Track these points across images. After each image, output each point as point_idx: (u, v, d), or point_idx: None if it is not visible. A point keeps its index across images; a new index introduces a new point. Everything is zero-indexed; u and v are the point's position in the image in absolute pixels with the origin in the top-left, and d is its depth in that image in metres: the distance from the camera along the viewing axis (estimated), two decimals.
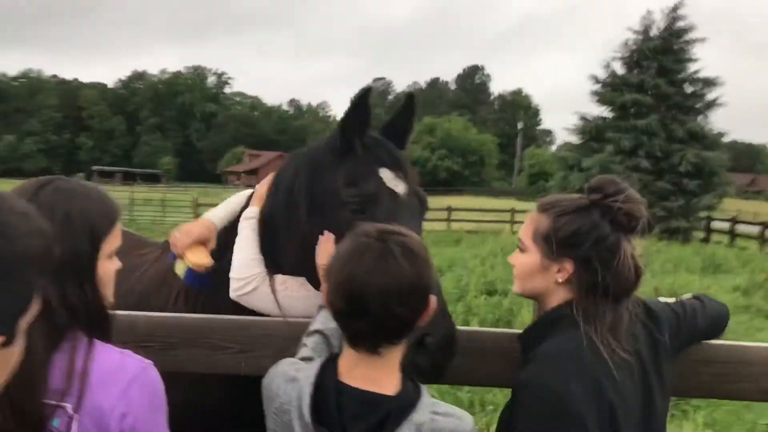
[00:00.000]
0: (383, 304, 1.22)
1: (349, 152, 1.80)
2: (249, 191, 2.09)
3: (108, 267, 1.27)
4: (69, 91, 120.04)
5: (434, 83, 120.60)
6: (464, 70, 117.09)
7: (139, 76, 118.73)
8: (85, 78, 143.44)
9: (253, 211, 1.95)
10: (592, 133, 25.72)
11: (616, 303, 1.43)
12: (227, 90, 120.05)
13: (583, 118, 26.37)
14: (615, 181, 1.48)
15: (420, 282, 1.26)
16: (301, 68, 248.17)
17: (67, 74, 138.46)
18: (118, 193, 25.38)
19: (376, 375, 1.26)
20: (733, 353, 1.73)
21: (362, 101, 1.79)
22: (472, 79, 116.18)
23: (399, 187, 1.78)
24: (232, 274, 1.83)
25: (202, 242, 1.93)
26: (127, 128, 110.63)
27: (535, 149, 68.55)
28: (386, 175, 1.77)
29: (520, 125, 74.80)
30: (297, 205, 1.82)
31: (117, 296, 1.37)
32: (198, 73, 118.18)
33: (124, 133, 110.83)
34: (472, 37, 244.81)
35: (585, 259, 1.43)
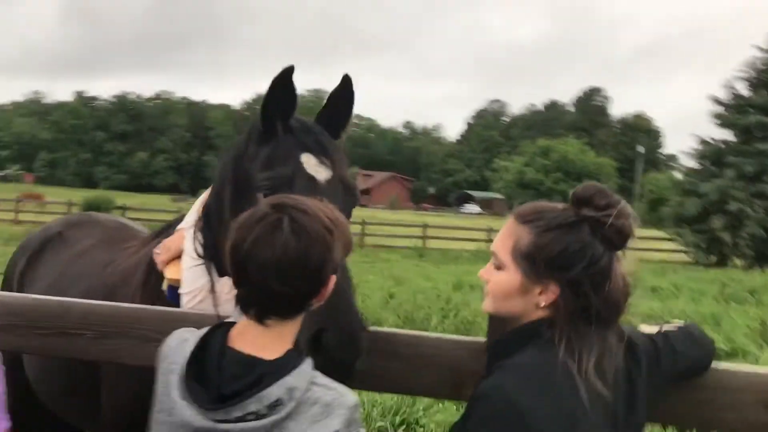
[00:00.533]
0: (262, 278, 1.25)
1: (273, 136, 1.80)
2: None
3: None
4: (197, 111, 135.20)
5: (552, 105, 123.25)
6: (583, 92, 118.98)
7: (261, 98, 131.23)
8: (213, 99, 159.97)
9: (190, 219, 2.02)
10: (712, 157, 25.66)
11: (604, 330, 1.34)
12: None
13: (704, 142, 26.34)
14: (604, 191, 1.38)
15: (306, 260, 1.26)
16: (418, 91, 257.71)
17: (196, 96, 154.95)
18: None
19: (264, 342, 1.31)
20: (717, 377, 1.56)
21: (282, 81, 1.75)
22: (591, 101, 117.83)
23: (320, 173, 1.74)
24: (180, 290, 1.89)
25: (180, 255, 1.96)
26: None
27: (656, 174, 69.55)
28: (308, 159, 1.75)
29: (640, 149, 75.99)
30: (223, 195, 1.86)
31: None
32: (317, 96, 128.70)
33: None
34: (591, 60, 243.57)
35: (574, 283, 1.32)
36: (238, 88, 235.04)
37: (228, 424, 1.20)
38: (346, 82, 1.90)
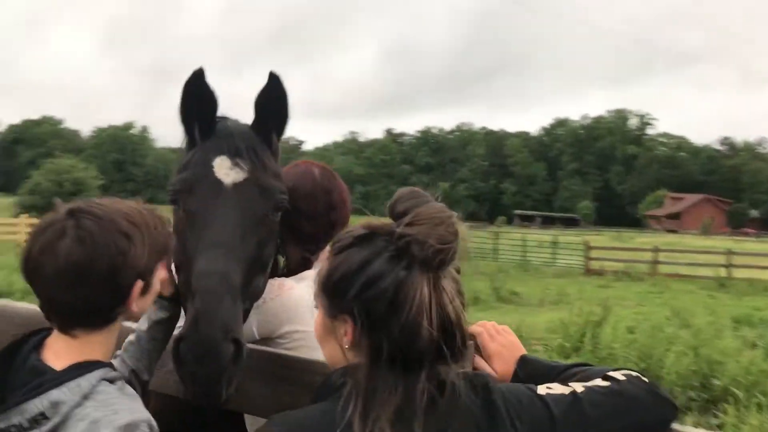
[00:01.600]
0: (48, 288, 1.30)
1: (195, 143, 1.88)
2: None
3: None
4: (495, 140, 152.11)
5: None
6: None
7: (560, 123, 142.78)
8: (511, 128, 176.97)
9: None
10: None
11: (408, 374, 1.15)
12: (650, 131, 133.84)
13: None
14: (407, 195, 1.30)
15: (90, 268, 1.28)
16: (739, 103, 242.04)
17: (495, 125, 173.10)
18: (515, 235, 35.20)
19: (68, 353, 1.34)
20: None
21: (192, 85, 1.81)
22: None
23: (229, 176, 1.78)
24: None
25: None
26: (548, 174, 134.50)
27: None
28: (221, 163, 1.80)
29: None
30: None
31: None
32: (620, 116, 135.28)
33: (545, 179, 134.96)
34: None
35: (361, 311, 1.17)
36: (535, 114, 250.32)
37: None
38: (273, 81, 1.87)
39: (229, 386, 1.59)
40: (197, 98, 1.87)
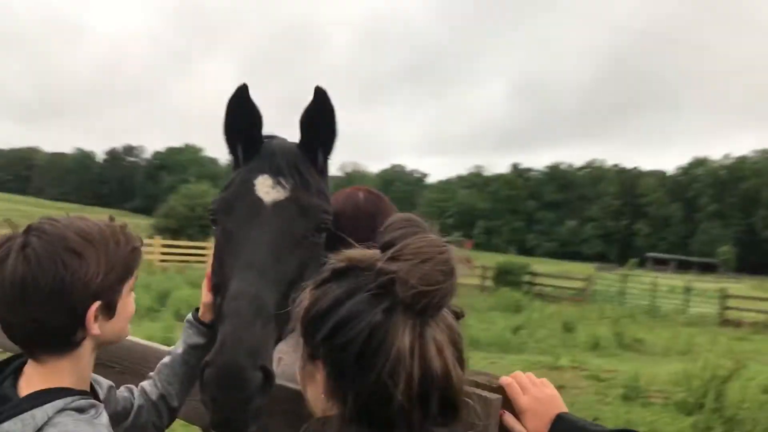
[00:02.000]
0: (4, 306, 1.26)
1: (240, 163, 1.88)
2: None
3: None
4: (628, 179, 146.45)
5: None
6: None
7: (699, 162, 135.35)
8: (645, 166, 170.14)
9: None
10: None
11: (389, 430, 1.02)
12: None
13: None
14: (402, 221, 1.10)
15: (34, 287, 1.23)
16: None
17: (628, 163, 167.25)
18: (645, 279, 32.87)
19: (36, 378, 1.31)
20: None
21: (233, 103, 1.80)
22: None
23: (270, 195, 1.76)
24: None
25: None
26: (684, 215, 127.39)
27: None
28: (262, 182, 1.78)
29: None
30: None
31: None
32: (766, 157, 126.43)
33: (681, 220, 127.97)
34: None
35: (326, 359, 1.05)
36: (672, 153, 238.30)
37: None
38: (320, 96, 1.80)
39: (256, 418, 1.51)
40: (241, 116, 1.85)
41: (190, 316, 1.81)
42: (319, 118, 1.87)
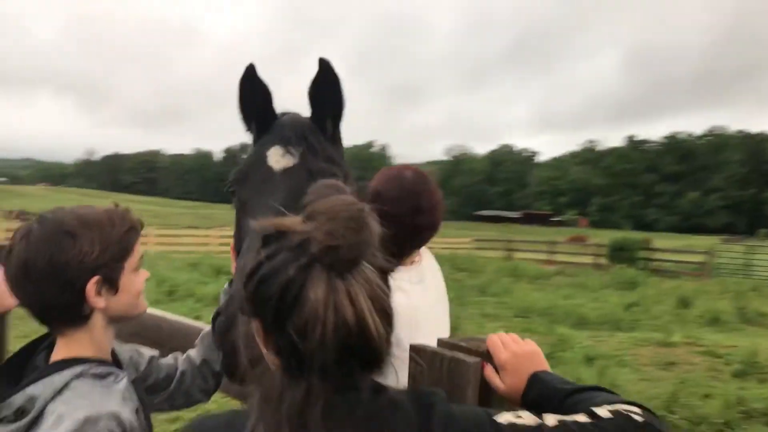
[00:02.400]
0: (15, 287, 1.48)
1: (256, 137, 2.03)
2: None
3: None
4: (755, 144, 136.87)
5: None
6: None
7: None
8: None
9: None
10: None
11: (305, 381, 1.09)
12: None
13: None
14: (321, 187, 1.21)
15: (31, 266, 1.42)
16: None
17: (754, 128, 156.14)
18: None
19: (60, 349, 1.53)
20: None
21: (243, 85, 1.93)
22: None
23: (280, 162, 1.88)
24: None
25: None
26: None
27: None
28: (273, 152, 1.91)
29: None
30: None
31: None
32: None
33: None
34: None
35: (258, 312, 1.13)
36: None
37: None
38: (324, 67, 1.84)
39: (256, 364, 1.61)
40: (251, 94, 1.95)
41: (226, 285, 1.93)
42: (326, 88, 1.92)
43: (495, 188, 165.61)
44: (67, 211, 1.51)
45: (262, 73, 1.92)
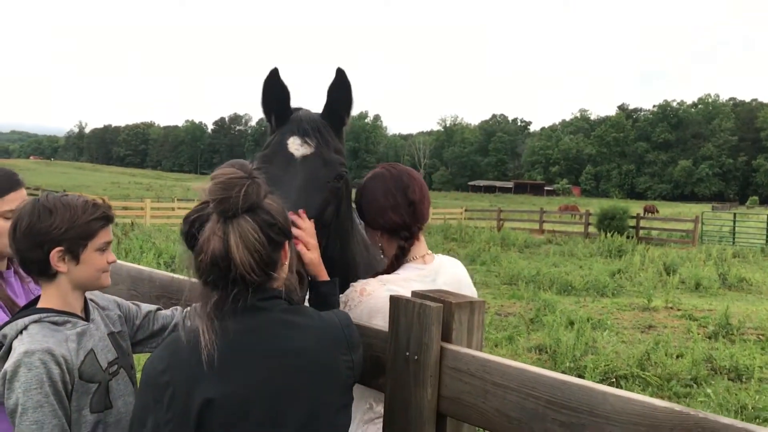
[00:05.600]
0: (10, 241, 1.92)
1: (274, 128, 2.40)
2: None
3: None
4: (746, 112, 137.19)
5: None
6: None
7: None
8: (765, 97, 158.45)
9: None
10: None
11: (213, 290, 1.62)
12: None
13: None
14: (227, 164, 1.77)
15: (18, 225, 1.87)
16: None
17: (746, 95, 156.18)
18: (762, 217, 30.81)
19: (41, 300, 1.97)
20: (586, 400, 1.41)
21: (268, 82, 2.30)
22: None
23: (298, 150, 2.28)
24: None
25: None
26: None
27: None
28: (293, 141, 2.29)
29: None
30: None
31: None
32: None
33: None
34: None
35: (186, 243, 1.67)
36: None
37: None
38: (340, 75, 2.33)
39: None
40: (273, 93, 2.33)
41: None
42: (339, 92, 2.37)
43: (487, 159, 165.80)
44: (59, 195, 1.95)
45: (284, 75, 2.33)
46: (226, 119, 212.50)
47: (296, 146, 2.29)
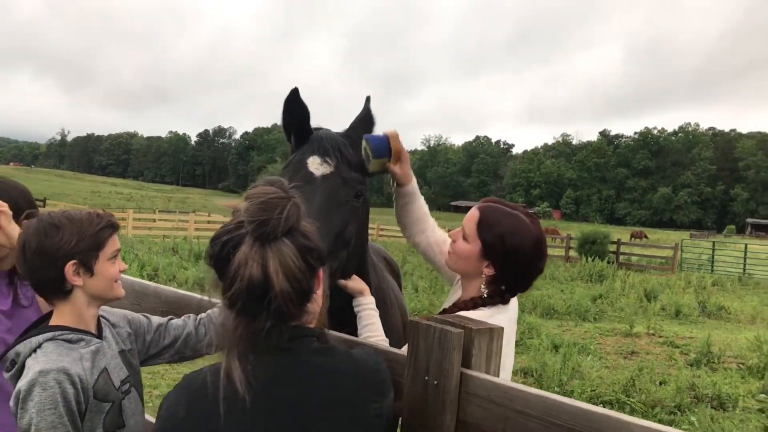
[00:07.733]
0: (19, 265, 1.90)
1: (295, 147, 2.44)
2: None
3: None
4: (725, 142, 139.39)
5: None
6: None
7: None
8: (743, 128, 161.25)
9: None
10: None
11: (244, 319, 1.45)
12: None
13: None
14: (262, 181, 1.57)
15: (27, 246, 1.83)
16: None
17: (724, 126, 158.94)
18: (740, 246, 32.42)
19: (54, 319, 1.92)
20: (610, 429, 1.38)
21: (287, 104, 2.34)
22: None
23: (318, 169, 2.30)
24: None
25: None
26: None
27: None
28: (313, 160, 2.32)
29: None
30: None
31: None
32: None
33: None
34: None
35: (213, 266, 1.50)
36: None
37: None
38: (366, 104, 2.58)
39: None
40: (293, 112, 2.36)
41: None
42: (364, 119, 2.54)
43: (470, 180, 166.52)
44: (60, 210, 1.93)
45: (303, 94, 2.38)
46: (210, 132, 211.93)
47: (316, 165, 2.31)
